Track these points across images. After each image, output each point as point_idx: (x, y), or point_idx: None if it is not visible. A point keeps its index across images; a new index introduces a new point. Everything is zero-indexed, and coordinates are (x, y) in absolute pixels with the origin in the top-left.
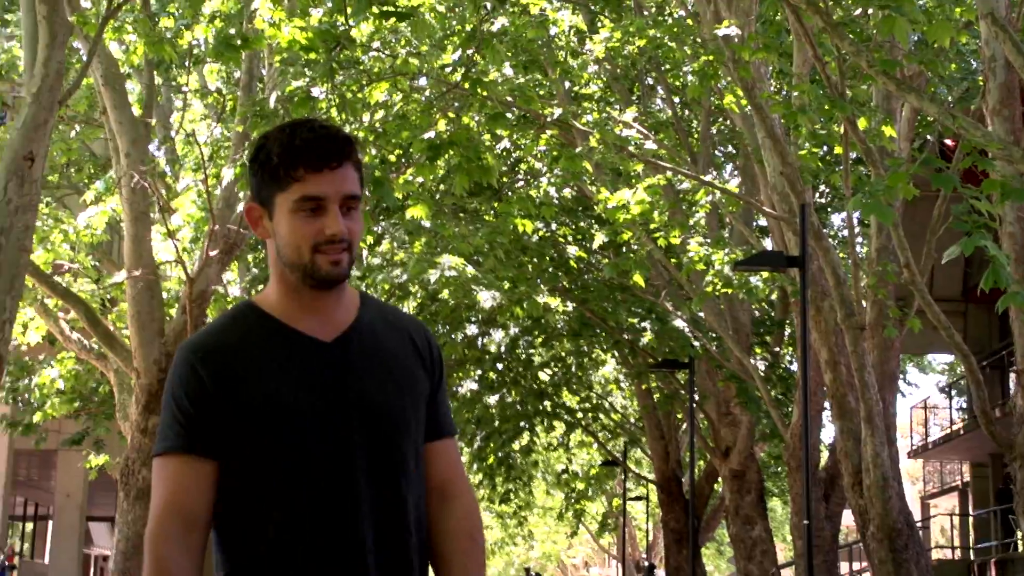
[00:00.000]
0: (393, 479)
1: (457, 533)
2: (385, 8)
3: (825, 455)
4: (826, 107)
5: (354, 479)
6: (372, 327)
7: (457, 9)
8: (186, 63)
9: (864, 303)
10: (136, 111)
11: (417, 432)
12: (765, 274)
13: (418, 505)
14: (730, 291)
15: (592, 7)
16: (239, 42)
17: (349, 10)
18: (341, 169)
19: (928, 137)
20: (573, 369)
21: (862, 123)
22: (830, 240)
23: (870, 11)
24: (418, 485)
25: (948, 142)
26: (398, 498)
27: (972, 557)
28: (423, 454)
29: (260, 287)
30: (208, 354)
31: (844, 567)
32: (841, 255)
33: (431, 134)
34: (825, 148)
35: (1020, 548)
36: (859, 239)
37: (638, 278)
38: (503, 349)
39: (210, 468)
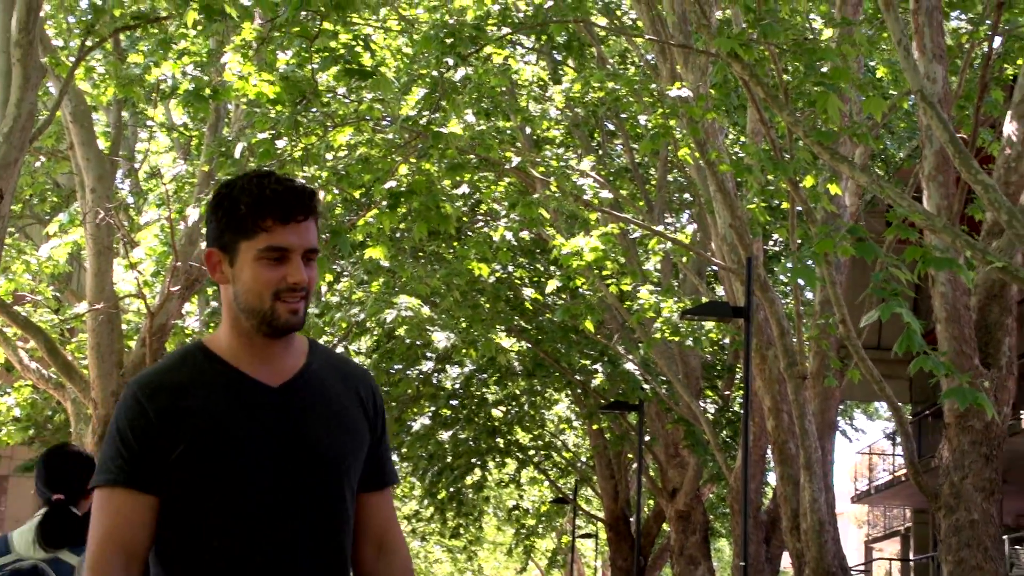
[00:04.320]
0: (332, 525)
1: None
2: (350, 66)
3: (770, 497)
4: (770, 168)
5: (293, 522)
6: (319, 375)
7: (423, 54)
8: (152, 97)
9: (807, 353)
10: (103, 144)
11: (355, 479)
12: (711, 323)
13: (348, 554)
14: (677, 339)
15: (556, 55)
16: (208, 93)
17: (316, 64)
18: (306, 223)
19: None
20: (526, 407)
21: (808, 180)
22: (780, 288)
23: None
24: (351, 532)
25: None
26: (337, 543)
27: None
28: (359, 502)
29: (219, 319)
30: (155, 391)
31: None
32: (791, 302)
33: (392, 183)
34: (776, 201)
35: None
36: (807, 289)
37: (588, 324)
38: (457, 386)
39: (151, 502)
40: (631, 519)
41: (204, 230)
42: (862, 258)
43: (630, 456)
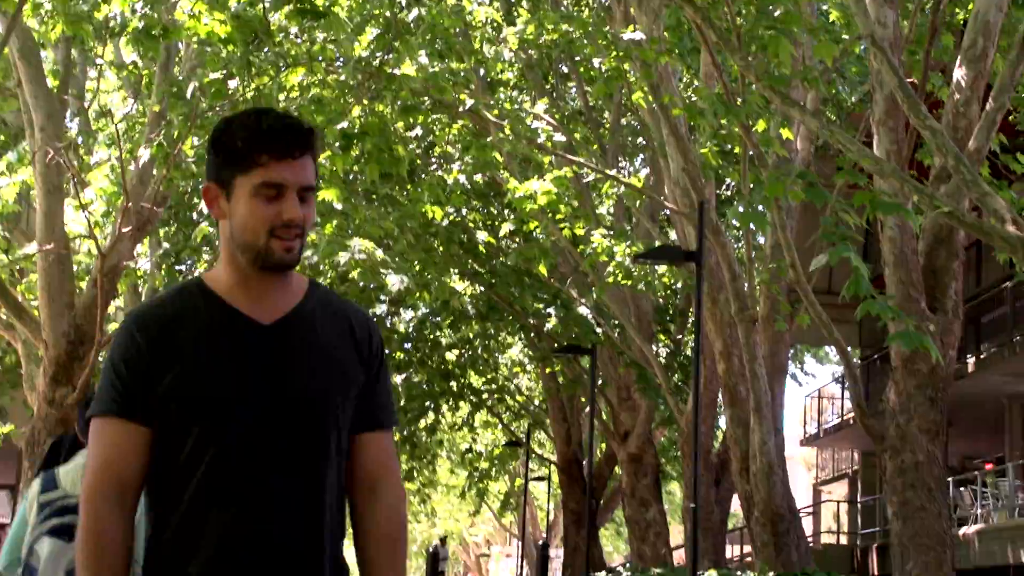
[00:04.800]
0: (313, 466)
1: (379, 536)
2: (302, 6)
3: (721, 440)
4: (722, 113)
5: (274, 460)
6: (312, 314)
7: None
8: (102, 34)
9: (758, 297)
10: (51, 82)
11: (344, 422)
12: (664, 267)
13: (338, 492)
14: (629, 283)
15: None
16: (159, 31)
17: (268, 3)
18: (302, 159)
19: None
20: (479, 351)
21: (761, 125)
22: (732, 233)
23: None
24: (339, 474)
25: None
26: (317, 484)
27: (858, 542)
28: (351, 444)
29: (170, 261)
30: (147, 323)
31: (735, 550)
32: (742, 247)
33: (344, 124)
34: (728, 145)
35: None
36: (759, 233)
37: (542, 267)
38: (411, 329)
39: (144, 432)
40: (583, 462)
41: (155, 171)
42: (812, 203)
43: (583, 399)
